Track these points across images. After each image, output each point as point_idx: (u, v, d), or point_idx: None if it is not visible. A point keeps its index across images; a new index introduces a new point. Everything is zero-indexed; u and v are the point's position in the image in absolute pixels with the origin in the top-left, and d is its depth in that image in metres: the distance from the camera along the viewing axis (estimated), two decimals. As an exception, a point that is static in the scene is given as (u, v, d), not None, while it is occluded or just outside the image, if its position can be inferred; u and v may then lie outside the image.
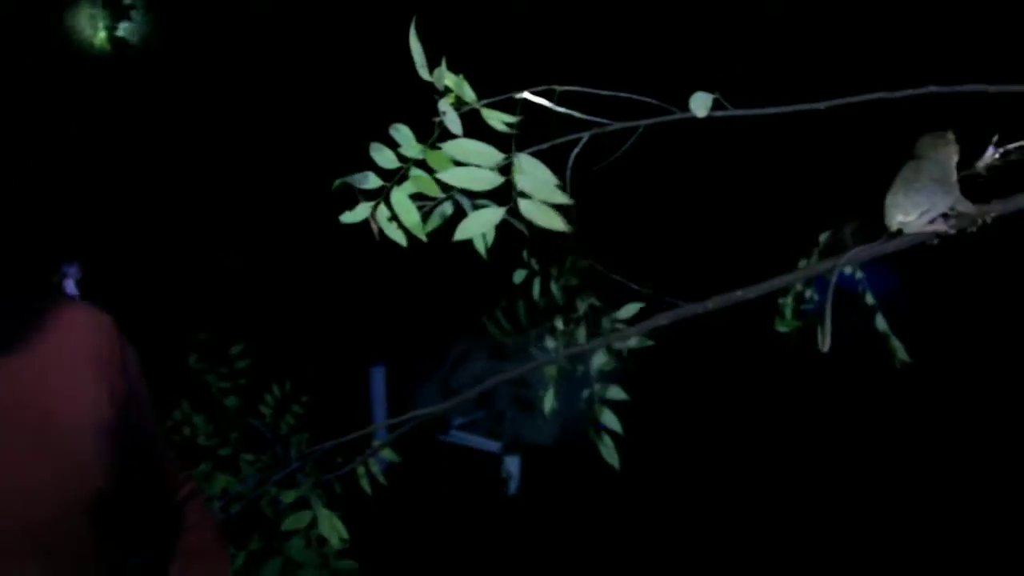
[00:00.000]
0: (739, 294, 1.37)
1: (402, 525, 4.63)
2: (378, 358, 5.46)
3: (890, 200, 1.39)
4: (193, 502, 1.25)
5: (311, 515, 1.97)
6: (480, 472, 5.39)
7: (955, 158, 1.37)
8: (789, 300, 2.05)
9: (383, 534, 4.25)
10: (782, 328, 2.05)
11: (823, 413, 5.32)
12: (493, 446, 5.49)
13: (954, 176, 1.36)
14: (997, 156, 1.31)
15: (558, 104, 1.23)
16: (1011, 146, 1.27)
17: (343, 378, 5.37)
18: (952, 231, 1.40)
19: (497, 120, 1.19)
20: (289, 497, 1.94)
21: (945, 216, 1.41)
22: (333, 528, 1.99)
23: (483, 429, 5.58)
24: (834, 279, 1.56)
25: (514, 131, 1.19)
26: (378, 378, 5.44)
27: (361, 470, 2.05)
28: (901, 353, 2.01)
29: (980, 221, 1.38)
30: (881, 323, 2.02)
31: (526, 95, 1.24)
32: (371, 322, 5.60)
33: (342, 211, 1.31)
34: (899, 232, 1.43)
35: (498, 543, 4.51)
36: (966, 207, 1.38)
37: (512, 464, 5.33)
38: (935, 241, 1.44)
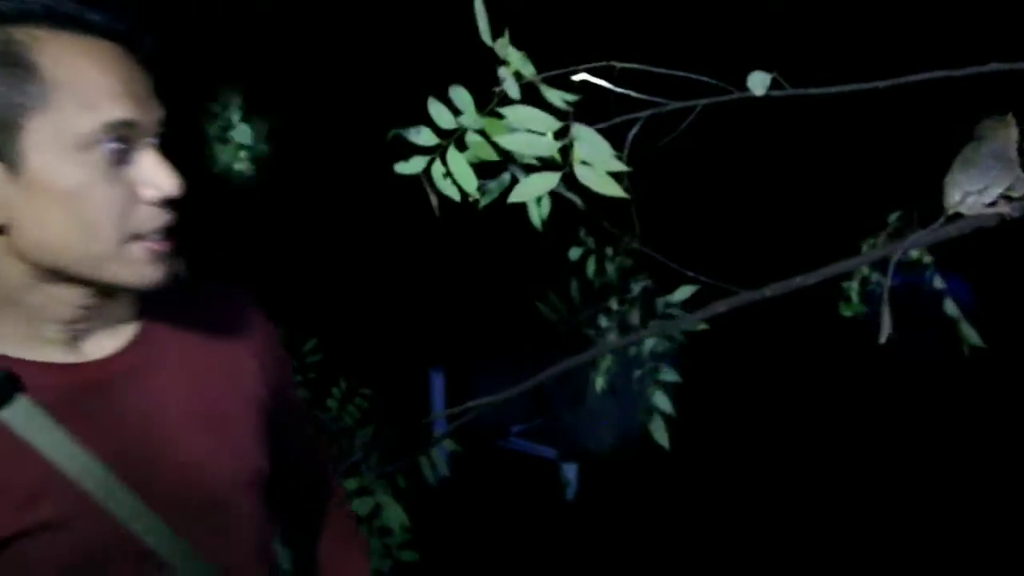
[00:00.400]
0: (798, 280, 1.36)
1: (461, 526, 4.67)
2: (438, 362, 5.53)
3: (948, 179, 1.37)
4: (334, 481, 1.36)
5: (373, 502, 2.01)
6: (538, 478, 5.40)
7: (1016, 140, 1.34)
8: (855, 284, 2.04)
9: (443, 534, 4.30)
10: (847, 312, 2.04)
11: (887, 403, 5.22)
12: (551, 453, 5.51)
13: (1015, 157, 1.33)
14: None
15: (615, 81, 1.25)
16: None
17: (404, 380, 5.45)
18: (1015, 214, 1.37)
19: (556, 96, 1.21)
20: (352, 484, 1.98)
21: (1007, 199, 1.39)
22: (396, 517, 2.03)
23: (541, 436, 5.61)
24: (893, 265, 1.53)
25: (571, 108, 1.21)
26: (437, 381, 5.49)
27: (424, 460, 2.09)
28: (973, 338, 1.98)
29: None
30: (951, 308, 1.99)
31: (585, 76, 1.26)
32: (434, 326, 5.68)
33: (412, 214, 1.35)
34: (958, 215, 1.40)
35: (554, 548, 4.51)
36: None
37: (570, 471, 5.33)
38: (995, 223, 1.41)
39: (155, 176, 0.92)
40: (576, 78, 1.27)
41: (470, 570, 4.22)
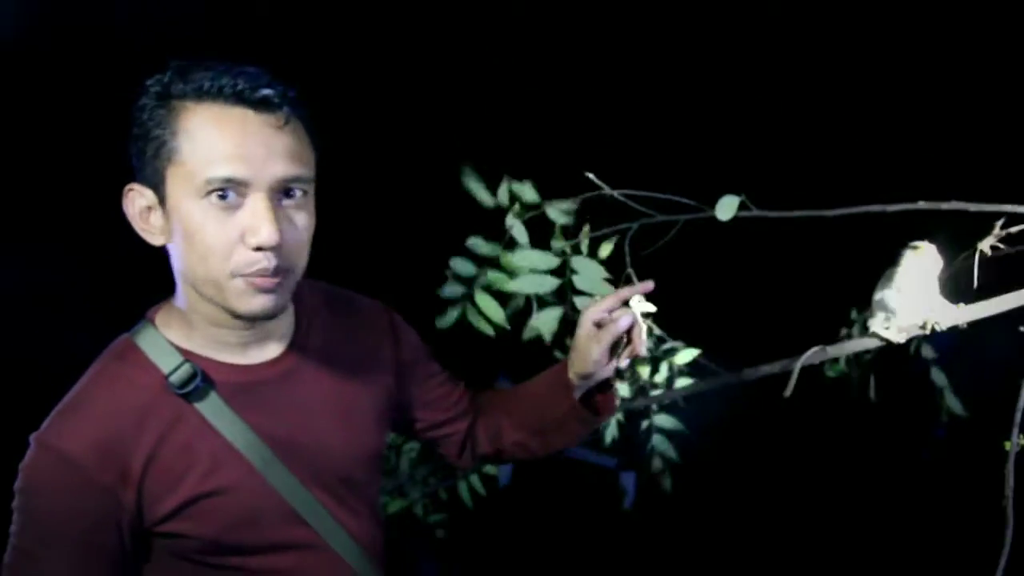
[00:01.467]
0: (765, 368, 1.57)
1: (519, 529, 4.87)
2: (500, 370, 5.70)
3: (875, 297, 1.54)
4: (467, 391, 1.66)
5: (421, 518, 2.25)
6: (598, 486, 5.54)
7: (932, 264, 1.48)
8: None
9: (501, 536, 4.51)
10: (831, 373, 2.20)
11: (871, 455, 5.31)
12: (610, 462, 5.64)
13: (927, 281, 1.47)
14: (999, 236, 1.42)
15: (610, 199, 1.48)
16: (1013, 229, 1.38)
17: (470, 386, 5.66)
18: (899, 341, 1.54)
19: (559, 215, 1.45)
20: (394, 507, 2.23)
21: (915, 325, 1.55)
22: (436, 533, 2.27)
23: (601, 445, 5.74)
24: (796, 372, 1.69)
25: (572, 221, 1.45)
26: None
27: (463, 484, 2.32)
28: (956, 408, 2.12)
29: (929, 328, 1.50)
30: (938, 377, 2.13)
31: (592, 182, 1.50)
32: (497, 336, 5.87)
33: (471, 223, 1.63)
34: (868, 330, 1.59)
35: (611, 554, 4.61)
36: (927, 315, 1.50)
37: (628, 480, 5.47)
38: (899, 342, 1.57)
39: (254, 225, 1.09)
40: (576, 201, 1.51)
41: (527, 572, 4.36)
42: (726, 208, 1.42)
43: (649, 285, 1.35)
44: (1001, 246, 1.46)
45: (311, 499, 1.26)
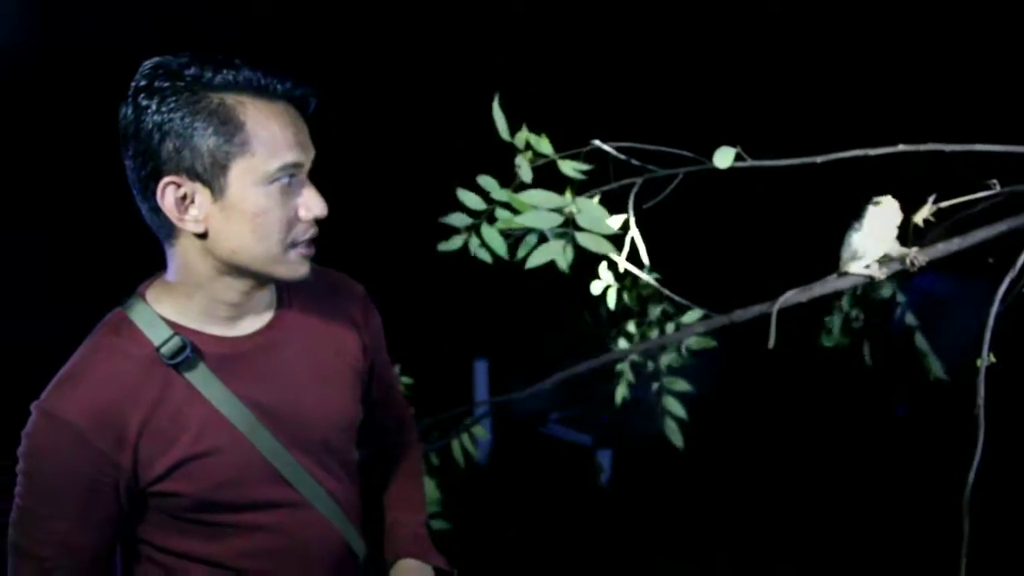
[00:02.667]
0: (757, 308, 1.66)
1: (497, 506, 4.91)
2: (482, 352, 5.76)
3: (842, 245, 1.67)
4: (410, 423, 1.74)
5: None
6: (574, 464, 5.62)
7: (893, 216, 1.59)
8: (836, 318, 2.30)
9: (478, 512, 4.57)
10: (827, 343, 2.30)
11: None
12: (587, 440, 5.73)
13: (888, 230, 1.60)
14: (931, 211, 1.53)
15: (614, 154, 1.56)
16: (943, 203, 1.50)
17: (448, 368, 5.72)
18: (881, 275, 1.66)
19: (570, 169, 1.53)
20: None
21: (881, 263, 1.67)
22: (429, 492, 2.33)
23: (578, 423, 5.82)
24: (774, 316, 1.77)
25: (584, 177, 1.53)
26: (481, 370, 5.74)
27: (456, 444, 2.39)
28: (938, 371, 2.24)
29: (909, 263, 1.62)
30: (921, 342, 2.25)
31: (599, 144, 1.57)
32: (477, 318, 5.93)
33: (447, 215, 1.69)
34: (846, 273, 1.69)
35: (587, 530, 4.70)
36: (897, 253, 1.62)
37: (604, 457, 5.53)
38: (867, 281, 1.70)
39: (311, 202, 1.25)
40: (587, 148, 1.58)
41: (504, 548, 4.43)
42: (723, 157, 1.49)
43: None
44: (932, 219, 1.56)
45: (293, 461, 1.34)
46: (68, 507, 1.22)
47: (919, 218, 1.52)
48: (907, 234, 1.60)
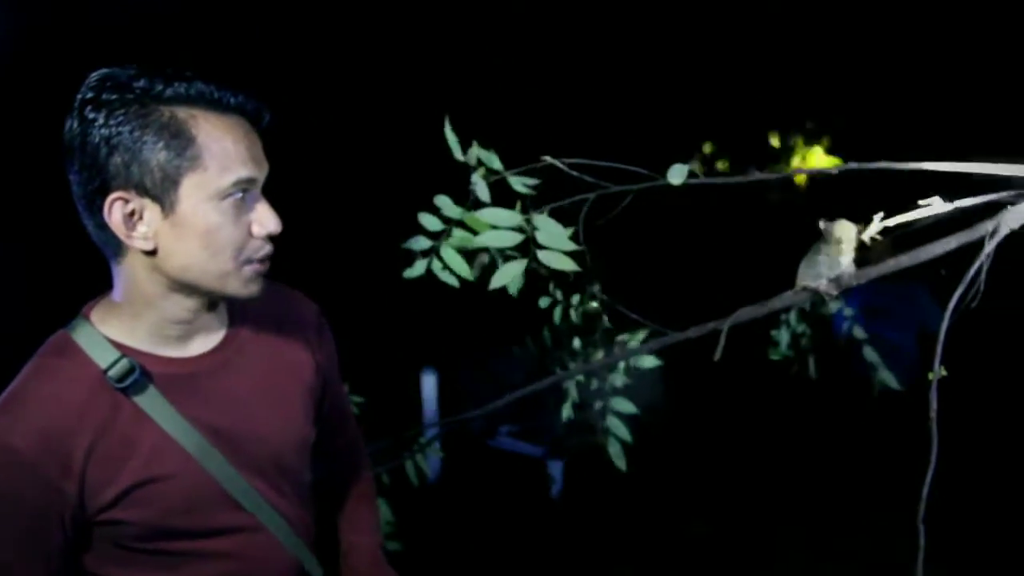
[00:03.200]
0: (711, 325, 1.66)
1: (449, 521, 4.88)
2: (429, 363, 5.73)
3: (803, 267, 1.70)
4: (360, 444, 1.71)
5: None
6: (525, 475, 5.62)
7: (848, 237, 1.64)
8: (783, 332, 2.33)
9: (432, 528, 4.53)
10: (775, 356, 2.32)
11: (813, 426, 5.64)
12: (538, 451, 5.73)
13: (843, 252, 1.63)
14: (878, 228, 1.57)
15: (566, 170, 1.54)
16: (889, 222, 1.54)
17: (396, 381, 5.68)
18: (833, 292, 1.69)
19: (520, 185, 1.51)
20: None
21: (832, 281, 1.71)
22: (381, 512, 2.29)
23: (528, 435, 5.82)
24: (725, 330, 1.80)
25: (533, 192, 1.51)
26: (429, 382, 5.72)
27: (409, 464, 2.35)
28: (890, 382, 2.27)
29: (853, 283, 1.67)
30: (870, 354, 2.28)
31: (551, 161, 1.56)
32: (423, 329, 5.91)
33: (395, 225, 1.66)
34: (804, 288, 1.73)
35: (539, 542, 4.71)
36: (848, 273, 1.66)
37: (555, 468, 5.53)
38: (815, 299, 1.74)
39: (264, 218, 1.21)
40: (540, 165, 1.56)
41: (458, 563, 4.41)
42: (677, 174, 1.50)
43: None
44: (879, 238, 1.59)
45: (246, 485, 1.30)
46: (10, 538, 1.16)
47: (867, 236, 1.54)
48: (856, 252, 1.62)
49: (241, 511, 1.30)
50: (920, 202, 1.46)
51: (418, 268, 1.62)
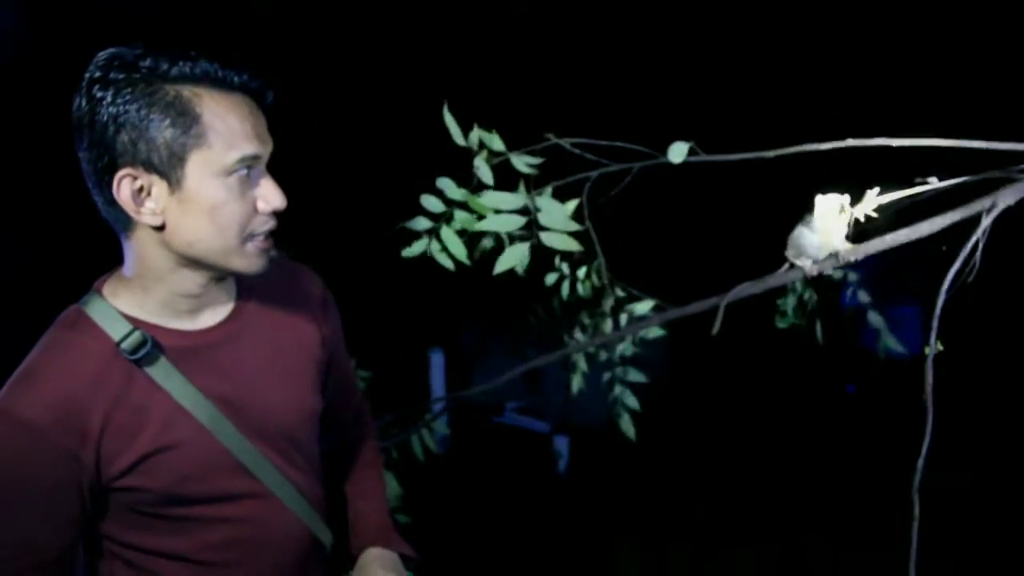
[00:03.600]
0: (712, 300, 1.68)
1: (457, 495, 4.94)
2: (437, 342, 5.78)
3: (789, 240, 1.69)
4: (367, 415, 1.74)
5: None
6: (532, 450, 5.67)
7: (839, 211, 1.61)
8: (790, 300, 2.34)
9: (442, 502, 4.59)
10: (782, 324, 2.34)
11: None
12: (544, 427, 5.78)
13: (834, 226, 1.61)
14: (874, 205, 1.56)
15: (570, 151, 1.56)
16: (884, 199, 1.53)
17: (405, 359, 5.72)
18: (827, 270, 1.70)
19: (523, 164, 1.53)
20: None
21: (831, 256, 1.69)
22: (389, 486, 2.34)
23: (535, 411, 5.88)
24: (723, 306, 1.80)
25: (536, 172, 1.53)
26: (437, 361, 5.76)
27: (415, 439, 2.39)
28: (894, 345, 2.29)
29: (851, 259, 1.66)
30: (875, 319, 2.30)
31: (552, 138, 1.58)
32: (432, 308, 5.93)
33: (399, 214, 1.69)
34: (792, 266, 1.72)
35: (546, 516, 4.77)
36: (843, 248, 1.65)
37: (561, 444, 5.56)
38: (808, 276, 1.73)
39: (269, 194, 1.24)
40: (543, 144, 1.58)
41: (465, 535, 4.48)
42: (677, 152, 1.51)
43: None
44: (875, 215, 1.59)
45: (257, 453, 1.34)
46: (31, 506, 1.19)
47: (860, 212, 1.54)
48: (850, 228, 1.62)
49: (251, 478, 1.34)
50: (917, 180, 1.47)
51: (416, 248, 1.64)
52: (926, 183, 1.46)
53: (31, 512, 1.19)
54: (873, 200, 1.52)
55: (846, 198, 1.55)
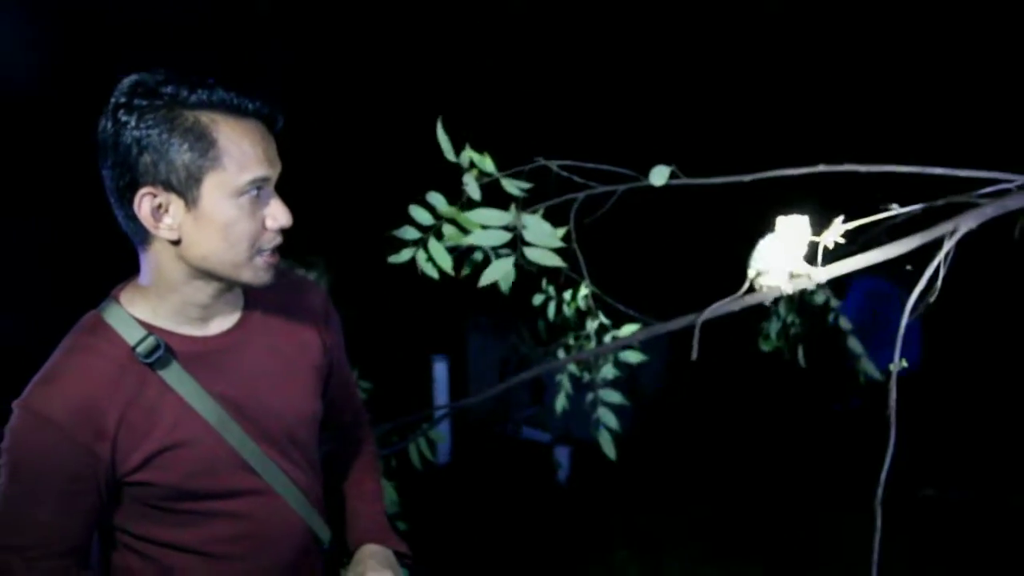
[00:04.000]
0: (690, 317, 1.75)
1: (459, 505, 4.97)
2: (440, 350, 5.82)
3: (751, 263, 1.73)
4: (365, 421, 1.83)
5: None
6: (533, 461, 5.71)
7: (799, 234, 1.67)
8: (773, 324, 2.41)
9: (440, 511, 4.63)
10: (765, 347, 2.41)
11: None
12: (545, 437, 5.82)
13: (793, 248, 1.67)
14: (839, 231, 1.61)
15: (556, 170, 1.64)
16: (849, 225, 1.58)
17: (409, 368, 5.78)
18: (789, 291, 1.73)
19: (512, 187, 1.61)
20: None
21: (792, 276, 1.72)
22: (387, 494, 2.39)
23: (537, 422, 5.92)
24: (698, 327, 1.82)
25: (526, 194, 1.61)
26: (441, 370, 5.81)
27: (413, 447, 2.45)
28: (871, 371, 2.35)
29: (820, 280, 1.70)
30: (855, 345, 2.37)
31: (541, 161, 1.66)
32: (434, 317, 5.99)
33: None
34: (752, 288, 1.76)
35: (546, 524, 4.81)
36: (802, 270, 1.69)
37: (562, 454, 5.59)
38: (787, 292, 1.76)
39: (277, 213, 1.34)
40: (531, 166, 1.66)
41: (467, 544, 4.51)
42: (658, 176, 1.59)
43: None
44: (842, 240, 1.63)
45: (259, 452, 1.43)
46: (49, 498, 1.28)
47: (827, 239, 1.60)
48: (815, 250, 1.67)
49: (255, 476, 1.43)
50: (881, 207, 1.54)
51: (403, 255, 1.73)
52: (889, 209, 1.53)
53: (51, 503, 1.28)
54: (839, 227, 1.59)
55: (806, 219, 1.62)
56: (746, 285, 1.78)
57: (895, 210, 1.53)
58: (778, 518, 4.72)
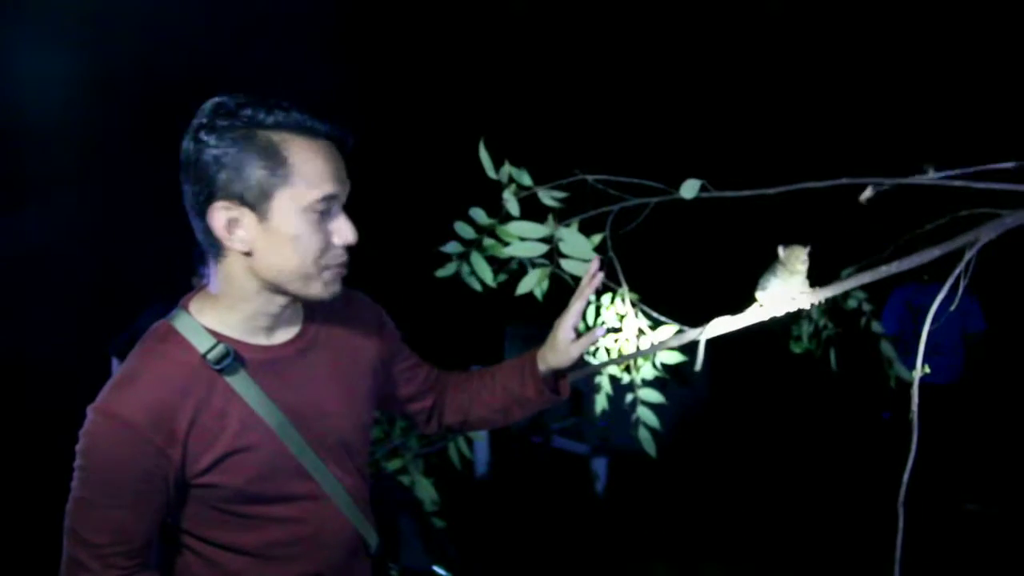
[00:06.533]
0: (695, 332, 1.82)
1: (496, 515, 5.03)
2: (478, 359, 5.90)
3: (759, 284, 1.85)
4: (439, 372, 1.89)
5: (410, 479, 2.48)
6: (571, 472, 5.75)
7: (800, 263, 1.79)
8: (805, 326, 2.46)
9: (479, 521, 4.70)
10: (796, 349, 2.46)
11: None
12: (584, 449, 5.86)
13: (794, 274, 1.78)
14: (872, 195, 1.68)
15: (592, 183, 1.73)
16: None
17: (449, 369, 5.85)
18: (778, 313, 1.84)
19: (550, 199, 1.70)
20: (394, 465, 2.46)
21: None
22: (427, 491, 2.49)
23: (576, 434, 5.96)
24: (702, 344, 1.94)
25: (562, 206, 1.70)
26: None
27: (452, 446, 2.54)
28: (904, 375, 2.39)
29: (806, 305, 1.81)
30: (887, 349, 2.41)
31: (579, 174, 1.75)
32: (472, 327, 6.08)
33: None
34: (760, 307, 1.87)
35: (583, 537, 4.84)
36: (804, 294, 1.80)
37: (600, 465, 5.62)
38: (787, 311, 1.87)
39: (344, 229, 1.41)
40: (568, 180, 1.75)
41: (504, 556, 4.57)
42: (689, 189, 1.67)
43: (599, 276, 1.62)
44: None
45: (316, 458, 1.50)
46: (124, 497, 1.35)
47: (864, 198, 1.65)
48: (813, 275, 1.78)
49: (309, 480, 1.49)
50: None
51: (449, 269, 1.84)
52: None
53: (127, 503, 1.36)
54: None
55: (806, 249, 1.70)
56: (755, 306, 1.88)
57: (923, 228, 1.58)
58: (824, 534, 4.70)
